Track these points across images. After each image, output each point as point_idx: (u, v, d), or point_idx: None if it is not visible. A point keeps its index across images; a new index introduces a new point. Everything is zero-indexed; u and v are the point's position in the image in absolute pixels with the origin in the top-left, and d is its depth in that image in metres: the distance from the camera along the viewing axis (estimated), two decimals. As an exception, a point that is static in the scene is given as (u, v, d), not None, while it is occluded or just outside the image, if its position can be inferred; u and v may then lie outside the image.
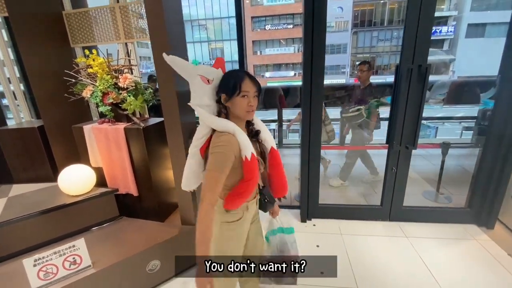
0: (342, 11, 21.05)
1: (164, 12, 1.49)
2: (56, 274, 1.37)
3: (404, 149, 2.17)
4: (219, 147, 0.96)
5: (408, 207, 2.38)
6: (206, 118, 1.04)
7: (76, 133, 1.88)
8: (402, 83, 2.02)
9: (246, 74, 1.02)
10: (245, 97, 1.00)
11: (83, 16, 1.98)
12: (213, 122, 1.03)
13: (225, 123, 1.01)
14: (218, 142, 0.97)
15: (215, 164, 0.96)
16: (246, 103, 1.00)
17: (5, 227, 1.56)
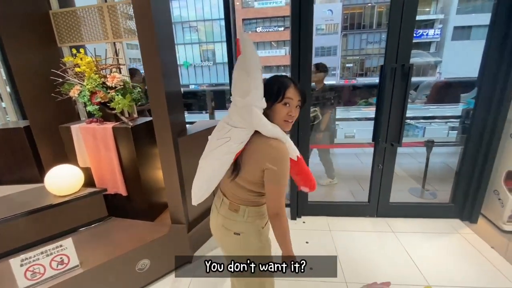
0: (332, 14, 21.39)
1: (152, 13, 1.50)
2: (43, 274, 1.36)
3: (389, 147, 2.23)
4: (284, 161, 0.93)
5: (395, 203, 2.45)
6: (261, 121, 0.91)
7: (63, 133, 1.87)
8: (387, 82, 2.09)
9: (291, 81, 0.97)
10: (287, 105, 0.95)
11: (70, 15, 1.97)
12: (267, 126, 0.92)
13: (276, 128, 0.95)
14: (281, 154, 0.92)
15: (283, 179, 0.93)
16: (286, 112, 0.95)
17: (-10, 228, 1.54)
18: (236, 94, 0.94)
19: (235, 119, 0.95)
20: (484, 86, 2.08)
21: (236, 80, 0.94)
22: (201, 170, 1.08)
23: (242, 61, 0.93)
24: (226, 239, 1.09)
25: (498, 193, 2.26)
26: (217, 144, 0.98)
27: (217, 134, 1.02)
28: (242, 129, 0.94)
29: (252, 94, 0.90)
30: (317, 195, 2.66)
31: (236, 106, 0.94)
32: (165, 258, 1.82)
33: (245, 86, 0.91)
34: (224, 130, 0.98)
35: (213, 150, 1.00)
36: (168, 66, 1.67)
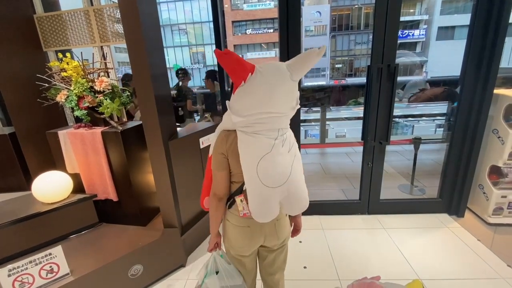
0: (321, 16, 21.66)
1: (139, 16, 1.50)
2: (32, 283, 1.33)
3: (378, 145, 2.28)
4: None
5: (385, 200, 2.49)
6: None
7: (51, 139, 1.83)
8: (374, 82, 2.14)
9: None
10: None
11: (55, 19, 1.94)
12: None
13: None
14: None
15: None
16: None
17: (-24, 239, 1.49)
18: (288, 107, 0.93)
19: (286, 125, 0.99)
20: (466, 84, 2.15)
21: (289, 93, 0.92)
22: (296, 187, 1.03)
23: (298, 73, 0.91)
24: (286, 223, 1.17)
25: (483, 187, 2.33)
26: (292, 155, 1.00)
27: (281, 151, 0.97)
28: (289, 128, 1.03)
29: (298, 97, 0.98)
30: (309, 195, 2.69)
31: (287, 116, 0.95)
32: (158, 262, 1.80)
33: (296, 93, 0.96)
34: (286, 141, 0.97)
35: (294, 163, 1.00)
36: (157, 69, 1.66)
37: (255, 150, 0.95)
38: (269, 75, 0.88)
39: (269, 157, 0.94)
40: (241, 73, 0.89)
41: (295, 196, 1.03)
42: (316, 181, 3.37)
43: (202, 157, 2.11)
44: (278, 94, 0.89)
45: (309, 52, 0.89)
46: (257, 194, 0.98)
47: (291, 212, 1.10)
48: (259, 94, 0.88)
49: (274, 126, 0.94)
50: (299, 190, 1.03)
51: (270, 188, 0.97)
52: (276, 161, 0.96)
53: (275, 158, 0.95)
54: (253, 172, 0.95)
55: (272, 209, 1.01)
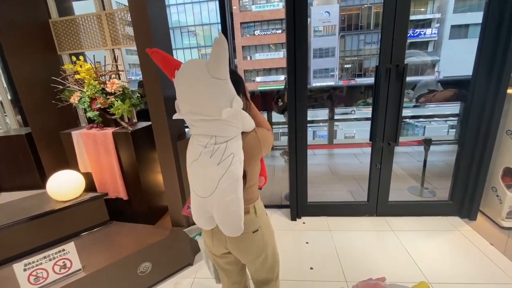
0: (329, 16, 21.53)
1: (149, 19, 1.54)
2: (46, 278, 1.38)
3: (386, 146, 2.26)
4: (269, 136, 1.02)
5: (394, 202, 2.46)
6: (250, 120, 0.95)
7: (64, 139, 1.89)
8: (382, 82, 2.12)
9: None
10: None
11: (69, 23, 2.01)
12: (251, 123, 0.96)
13: (250, 119, 0.98)
14: (268, 135, 1.01)
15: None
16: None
17: (-7, 234, 1.56)
18: (214, 109, 0.83)
19: (224, 133, 0.87)
20: (478, 83, 2.10)
21: (210, 93, 0.83)
22: (219, 207, 0.92)
23: (215, 68, 0.81)
24: (245, 243, 1.03)
25: (496, 189, 2.27)
26: (222, 169, 0.87)
27: (207, 163, 0.88)
28: (236, 137, 0.89)
29: (236, 98, 0.86)
30: (316, 196, 2.68)
31: (219, 121, 0.84)
32: (166, 260, 1.83)
33: (228, 94, 0.85)
34: (218, 152, 0.87)
35: (223, 179, 0.88)
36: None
37: (188, 154, 0.95)
38: (185, 71, 0.85)
39: (196, 164, 0.92)
40: (169, 70, 0.92)
41: (220, 217, 0.93)
42: (323, 182, 3.35)
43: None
44: (197, 93, 0.83)
45: (214, 43, 0.79)
46: (192, 197, 0.99)
47: (223, 231, 0.97)
48: (179, 92, 0.88)
49: (206, 132, 0.87)
50: (225, 211, 0.91)
51: (198, 196, 0.94)
52: (202, 171, 0.91)
53: (201, 167, 0.90)
54: (187, 175, 0.98)
55: (204, 219, 0.98)
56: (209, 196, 0.90)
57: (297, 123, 2.25)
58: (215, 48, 0.79)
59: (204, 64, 0.81)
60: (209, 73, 0.80)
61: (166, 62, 0.93)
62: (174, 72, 0.88)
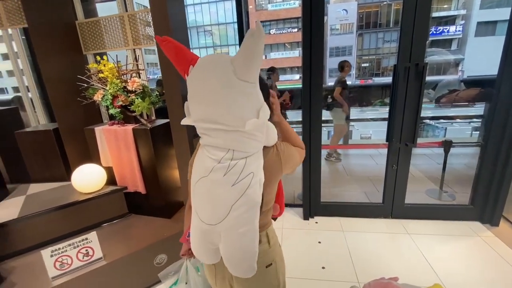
0: (347, 13, 21.10)
1: (169, 19, 1.59)
2: (70, 264, 1.47)
3: (404, 147, 2.21)
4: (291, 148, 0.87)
5: (410, 205, 2.40)
6: (275, 134, 0.81)
7: (88, 134, 2.00)
8: (400, 82, 2.07)
9: None
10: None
11: (94, 25, 2.11)
12: (274, 135, 0.80)
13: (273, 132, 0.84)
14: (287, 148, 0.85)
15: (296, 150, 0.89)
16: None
17: (24, 222, 1.68)
18: (236, 118, 0.67)
19: (245, 147, 0.71)
20: (504, 82, 2.01)
21: (234, 99, 0.66)
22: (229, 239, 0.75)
23: (244, 67, 0.64)
24: (256, 281, 0.83)
25: (521, 194, 2.17)
26: (237, 192, 0.71)
27: (220, 182, 0.72)
28: (257, 153, 0.74)
29: (264, 107, 0.70)
30: (329, 196, 2.66)
31: (240, 132, 0.68)
32: (181, 253, 1.89)
33: (255, 101, 0.69)
34: (234, 170, 0.71)
35: (237, 204, 0.71)
36: (184, 70, 1.75)
37: (196, 168, 0.78)
38: (203, 68, 0.68)
39: (204, 182, 0.74)
40: (182, 65, 0.76)
41: (229, 252, 0.76)
42: (337, 182, 3.32)
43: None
44: (217, 97, 0.66)
45: (248, 35, 0.60)
46: (194, 223, 0.80)
47: (230, 270, 0.79)
48: (193, 93, 0.71)
49: (222, 144, 0.71)
50: (236, 246, 0.74)
51: (203, 223, 0.76)
52: (211, 191, 0.74)
53: (210, 186, 0.73)
54: (192, 193, 0.79)
55: (207, 251, 0.80)
56: (217, 224, 0.73)
57: (311, 122, 2.25)
58: (248, 42, 0.60)
59: (229, 61, 0.64)
60: (235, 73, 0.63)
61: (180, 55, 0.77)
62: (188, 68, 0.71)
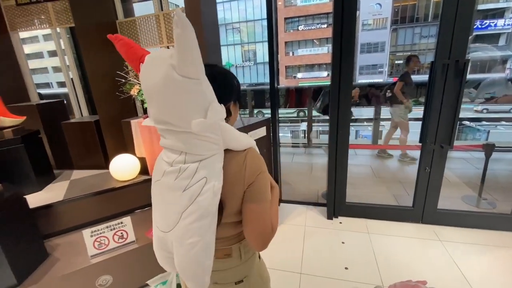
0: (381, 8, 20.10)
1: (201, 17, 1.65)
2: (107, 245, 1.60)
3: (438, 148, 2.08)
4: (266, 171, 0.73)
5: (444, 210, 2.27)
6: (234, 134, 0.70)
7: (125, 127, 2.14)
8: (438, 80, 1.95)
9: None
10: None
11: (132, 23, 2.25)
12: (240, 139, 0.71)
13: (244, 136, 0.74)
14: (261, 163, 0.72)
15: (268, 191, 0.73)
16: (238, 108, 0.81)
17: (68, 204, 1.85)
18: (182, 118, 0.62)
19: (197, 149, 0.65)
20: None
21: (176, 97, 0.61)
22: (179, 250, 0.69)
23: (181, 61, 0.58)
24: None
25: None
26: (187, 198, 0.65)
27: (171, 186, 0.68)
28: (213, 157, 0.66)
29: (213, 106, 0.63)
30: (355, 196, 2.59)
31: (190, 133, 0.63)
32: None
33: (201, 99, 0.62)
34: (185, 174, 0.66)
35: (186, 212, 0.66)
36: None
37: (154, 170, 0.75)
38: (147, 66, 0.65)
39: (158, 185, 0.72)
40: (134, 62, 0.74)
41: (179, 263, 0.70)
42: (365, 183, 3.22)
43: (250, 150, 2.21)
44: (161, 95, 0.62)
45: (174, 27, 0.57)
46: (153, 228, 0.79)
47: (186, 283, 0.74)
48: (143, 91, 0.67)
49: (175, 146, 0.67)
50: (185, 258, 0.68)
51: (158, 229, 0.74)
52: (164, 196, 0.70)
53: (163, 191, 0.70)
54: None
55: (165, 259, 0.76)
56: (169, 231, 0.69)
57: (339, 121, 2.20)
58: (175, 34, 0.56)
59: (169, 56, 0.61)
60: (174, 69, 0.59)
61: (129, 52, 0.75)
62: (138, 65, 0.68)
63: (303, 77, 24.90)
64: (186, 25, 0.56)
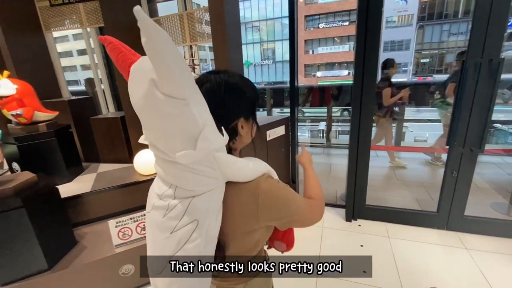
0: (406, 4, 19.29)
1: (225, 17, 1.67)
2: (130, 236, 1.68)
3: (468, 152, 1.98)
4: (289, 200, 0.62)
5: (471, 217, 2.15)
6: (235, 165, 0.57)
7: (148, 123, 2.22)
8: (469, 79, 1.85)
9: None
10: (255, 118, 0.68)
11: (156, 23, 2.32)
12: (245, 169, 0.58)
13: (254, 162, 0.62)
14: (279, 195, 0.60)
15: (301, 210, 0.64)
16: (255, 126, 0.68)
17: (95, 195, 1.95)
18: (168, 145, 0.52)
19: (187, 184, 0.54)
20: None
21: (161, 120, 0.50)
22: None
23: (162, 78, 0.46)
24: None
25: None
26: (174, 243, 0.54)
27: (159, 224, 0.57)
28: (211, 191, 0.55)
29: (204, 135, 0.50)
30: (375, 199, 2.53)
31: (179, 164, 0.51)
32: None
33: (189, 125, 0.49)
34: (173, 213, 0.54)
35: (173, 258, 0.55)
36: (235, 64, 1.83)
37: (147, 197, 0.65)
38: (131, 78, 0.54)
39: (148, 219, 0.62)
40: (123, 70, 0.60)
41: None
42: (385, 186, 3.13)
43: (268, 150, 2.22)
44: (142, 113, 0.53)
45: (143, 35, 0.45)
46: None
47: None
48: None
49: (164, 176, 0.57)
50: None
51: (149, 268, 0.62)
52: (152, 232, 0.60)
53: (152, 226, 0.59)
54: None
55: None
56: (157, 274, 0.58)
57: (361, 121, 2.15)
58: (144, 45, 0.44)
59: (151, 68, 0.47)
60: (156, 86, 0.47)
61: (120, 59, 0.60)
62: (128, 73, 0.57)
63: (322, 75, 24.48)
64: (152, 32, 0.42)
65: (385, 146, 3.53)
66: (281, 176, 2.51)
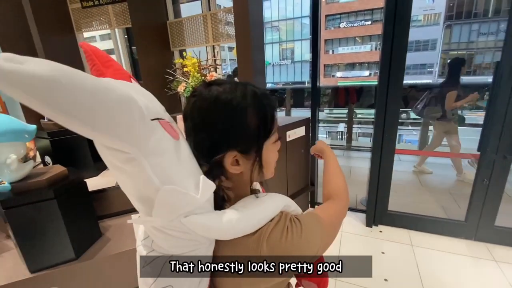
0: (433, 2, 18.48)
1: (249, 18, 1.68)
2: (152, 231, 1.72)
3: (500, 159, 1.86)
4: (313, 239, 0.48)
5: (502, 228, 2.02)
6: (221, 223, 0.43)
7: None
8: (504, 82, 1.74)
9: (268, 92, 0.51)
10: (278, 141, 0.53)
11: (180, 24, 2.37)
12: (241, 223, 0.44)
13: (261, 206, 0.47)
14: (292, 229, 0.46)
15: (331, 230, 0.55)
16: (276, 154, 0.54)
17: (119, 190, 2.01)
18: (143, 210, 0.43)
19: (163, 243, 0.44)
20: None
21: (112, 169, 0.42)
22: None
23: (79, 129, 0.36)
24: None
25: None
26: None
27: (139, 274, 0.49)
28: (192, 252, 0.45)
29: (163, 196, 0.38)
30: (398, 204, 2.44)
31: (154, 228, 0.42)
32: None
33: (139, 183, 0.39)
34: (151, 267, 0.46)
35: None
36: (258, 65, 1.83)
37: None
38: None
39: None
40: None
41: None
42: (409, 192, 3.01)
43: (287, 150, 2.20)
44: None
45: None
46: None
47: None
48: None
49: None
50: None
51: None
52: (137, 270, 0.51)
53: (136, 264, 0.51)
54: None
55: None
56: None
57: (386, 123, 2.08)
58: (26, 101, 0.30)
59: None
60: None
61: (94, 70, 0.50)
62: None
63: (342, 76, 24.01)
64: (11, 80, 0.28)
65: (411, 150, 3.40)
66: (300, 178, 2.50)
